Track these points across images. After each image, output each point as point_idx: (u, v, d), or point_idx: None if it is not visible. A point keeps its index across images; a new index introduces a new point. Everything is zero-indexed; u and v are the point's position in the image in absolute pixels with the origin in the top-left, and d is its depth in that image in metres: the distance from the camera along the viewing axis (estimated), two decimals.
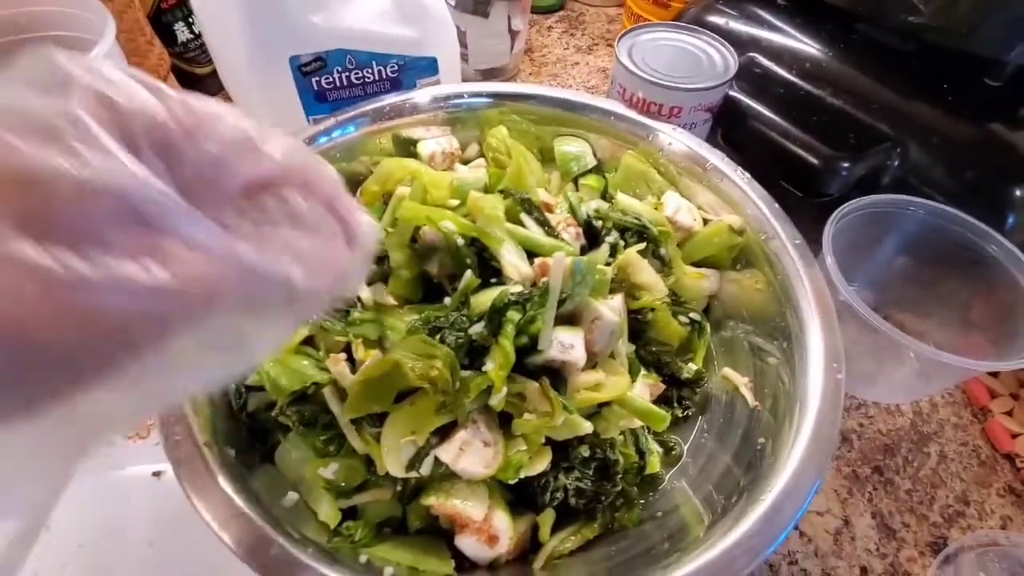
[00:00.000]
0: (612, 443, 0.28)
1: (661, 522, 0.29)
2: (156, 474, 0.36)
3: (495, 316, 0.26)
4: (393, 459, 0.26)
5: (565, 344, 0.27)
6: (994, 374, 0.43)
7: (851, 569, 0.34)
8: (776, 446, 0.27)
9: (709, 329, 0.35)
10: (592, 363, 0.29)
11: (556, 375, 0.28)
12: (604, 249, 0.32)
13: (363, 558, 0.26)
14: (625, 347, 0.31)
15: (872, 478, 0.38)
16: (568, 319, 0.28)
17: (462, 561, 0.27)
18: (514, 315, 0.26)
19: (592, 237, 0.34)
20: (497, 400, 0.25)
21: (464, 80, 0.56)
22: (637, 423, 0.30)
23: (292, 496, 0.27)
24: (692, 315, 0.34)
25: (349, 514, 0.28)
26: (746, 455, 0.29)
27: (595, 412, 0.29)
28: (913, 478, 0.38)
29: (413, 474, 0.26)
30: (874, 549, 0.35)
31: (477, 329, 0.26)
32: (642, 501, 0.30)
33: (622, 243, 0.33)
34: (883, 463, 0.39)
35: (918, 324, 0.45)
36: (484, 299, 0.27)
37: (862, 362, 0.40)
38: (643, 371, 0.32)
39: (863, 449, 0.39)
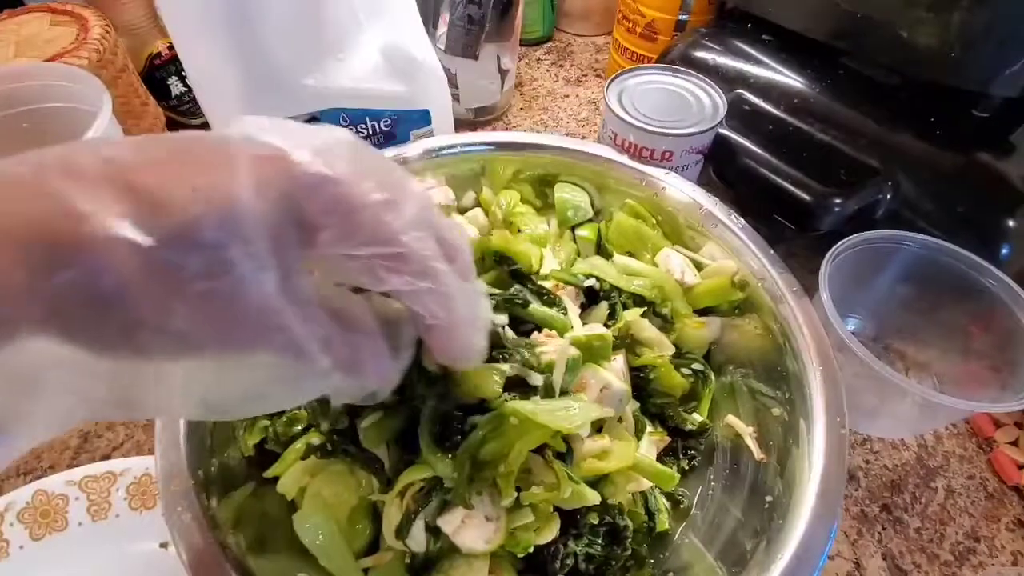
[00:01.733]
0: (620, 508, 0.28)
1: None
2: (163, 545, 0.36)
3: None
4: (386, 525, 0.26)
5: None
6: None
7: None
8: (782, 505, 0.27)
9: (713, 378, 0.35)
10: (597, 427, 0.29)
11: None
12: (603, 307, 0.32)
13: None
14: (631, 408, 0.31)
15: (881, 517, 0.38)
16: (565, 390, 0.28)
17: None
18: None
19: (591, 294, 0.34)
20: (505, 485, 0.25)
21: (456, 119, 0.57)
22: (646, 484, 0.29)
23: None
24: (695, 366, 0.34)
25: None
26: (756, 510, 0.29)
27: (603, 477, 0.29)
28: (922, 515, 0.38)
29: (400, 546, 0.26)
30: None
31: (478, 419, 0.26)
32: (652, 560, 0.30)
33: (620, 305, 0.33)
34: (891, 500, 0.39)
35: (919, 353, 0.45)
36: (480, 383, 0.27)
37: (864, 397, 0.40)
38: (648, 426, 0.32)
39: (870, 487, 0.39)
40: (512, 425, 0.24)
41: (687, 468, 0.33)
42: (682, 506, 0.32)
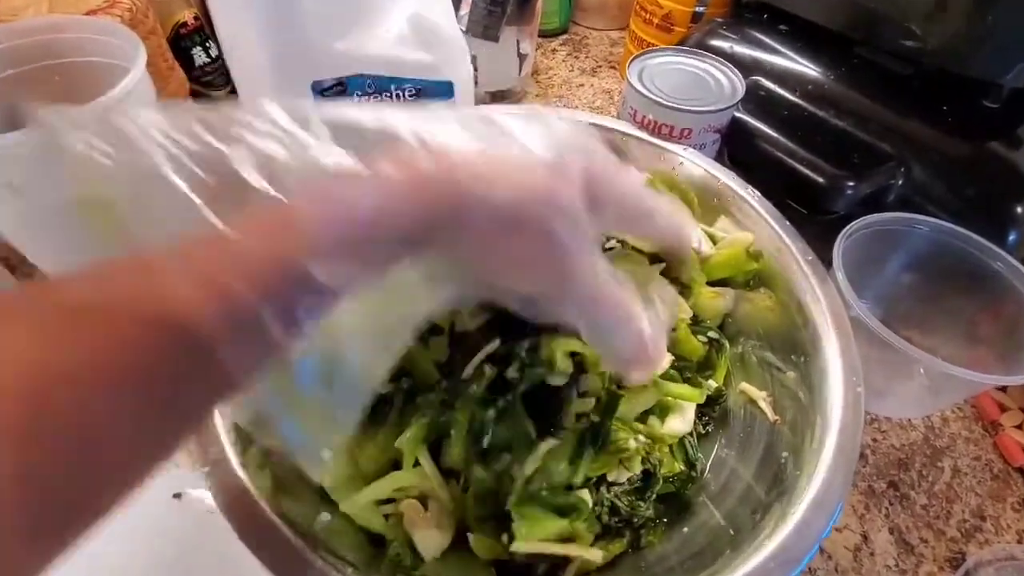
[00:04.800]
0: (660, 458, 0.29)
1: (687, 538, 0.29)
2: (177, 496, 0.36)
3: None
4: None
5: None
6: (1003, 388, 0.44)
7: None
8: (799, 460, 0.27)
9: (728, 347, 0.36)
10: None
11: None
12: None
13: None
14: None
15: (888, 493, 0.38)
16: None
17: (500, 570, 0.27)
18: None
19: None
20: None
21: (476, 102, 0.58)
22: (680, 428, 0.30)
23: (325, 516, 0.27)
24: (711, 334, 0.35)
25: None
26: (769, 470, 0.29)
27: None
28: (928, 493, 0.38)
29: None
30: (893, 565, 0.35)
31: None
32: (666, 519, 0.31)
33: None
34: (898, 478, 0.39)
35: (925, 339, 0.46)
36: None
37: (873, 376, 0.41)
38: None
39: (878, 464, 0.40)
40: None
41: (702, 432, 0.34)
42: (696, 469, 0.33)
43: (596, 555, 0.27)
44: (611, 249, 0.33)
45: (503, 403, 0.27)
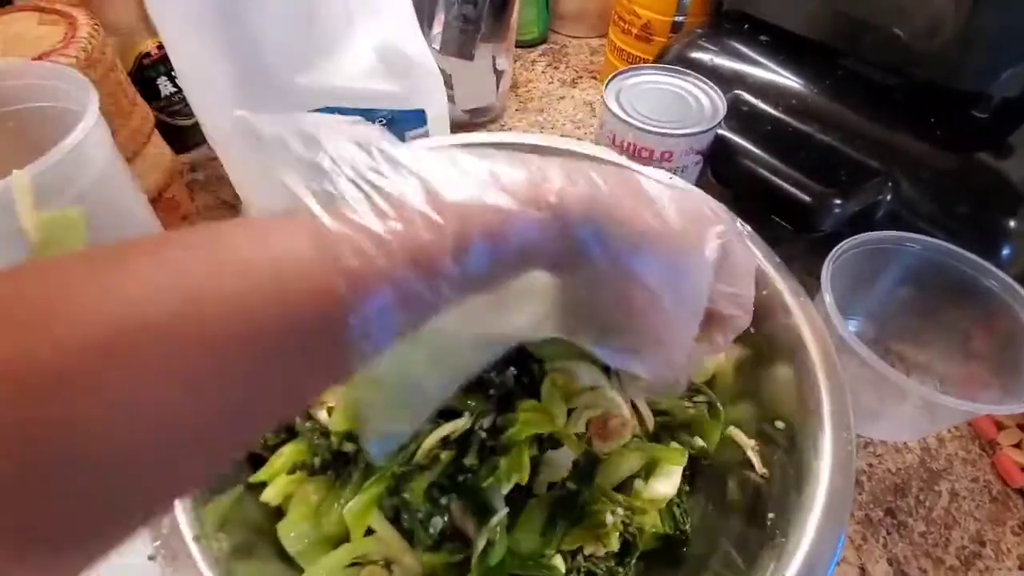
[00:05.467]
0: (640, 526, 0.28)
1: None
2: (151, 558, 0.35)
3: None
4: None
5: None
6: None
7: None
8: (785, 523, 0.26)
9: (723, 410, 0.34)
10: None
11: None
12: None
13: None
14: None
15: (885, 521, 0.37)
16: None
17: None
18: None
19: None
20: None
21: (452, 121, 0.56)
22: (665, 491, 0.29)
23: None
24: (700, 398, 0.33)
25: None
26: (756, 529, 0.28)
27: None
28: (926, 519, 0.37)
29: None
30: None
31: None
32: None
33: None
34: (895, 504, 0.38)
35: (919, 355, 0.45)
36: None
37: (865, 398, 0.40)
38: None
39: (873, 491, 0.39)
40: None
41: (685, 490, 0.32)
42: (685, 533, 0.32)
43: None
44: None
45: (457, 491, 0.26)
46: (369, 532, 0.27)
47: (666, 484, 0.30)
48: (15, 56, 0.41)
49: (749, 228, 0.36)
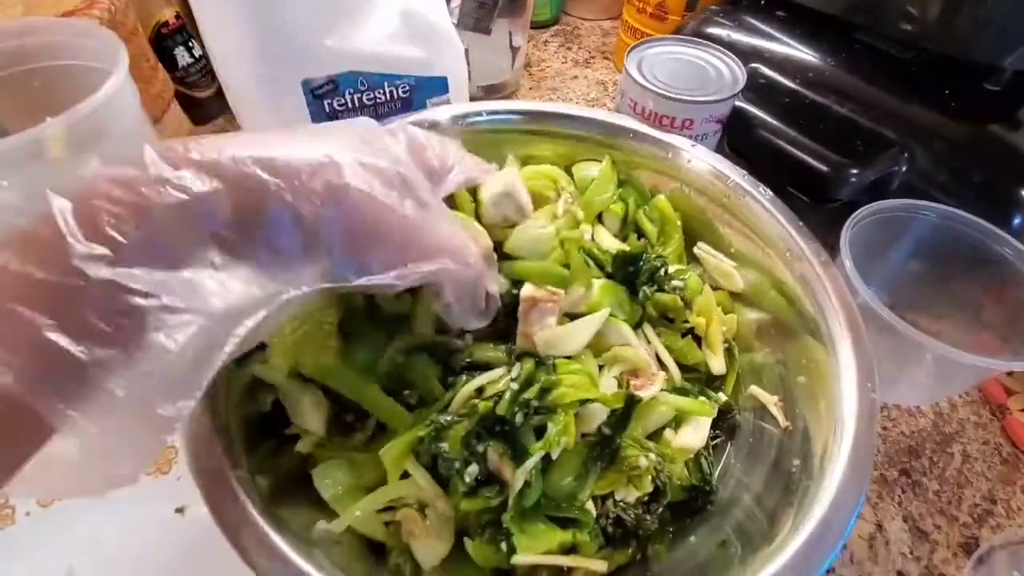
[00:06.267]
0: (670, 473, 0.29)
1: (695, 548, 0.29)
2: (179, 510, 0.35)
3: None
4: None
5: None
6: (1009, 372, 0.44)
7: (888, 574, 0.34)
8: (811, 469, 0.27)
9: (737, 352, 0.35)
10: None
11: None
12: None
13: None
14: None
15: (900, 481, 0.38)
16: None
17: None
18: None
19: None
20: None
21: (469, 98, 0.56)
22: (694, 442, 0.30)
23: (323, 525, 0.26)
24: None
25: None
26: (779, 479, 0.29)
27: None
28: (940, 479, 0.38)
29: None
30: (908, 553, 0.35)
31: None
32: (672, 530, 0.30)
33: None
34: (909, 465, 0.39)
35: (932, 325, 0.46)
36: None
37: (881, 364, 0.40)
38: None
39: (888, 452, 0.39)
40: None
41: (712, 444, 0.33)
42: (711, 484, 0.32)
43: (600, 566, 0.27)
44: None
45: (493, 436, 0.26)
46: (404, 477, 0.28)
47: (695, 436, 0.31)
48: (38, 15, 0.41)
49: (771, 192, 0.37)
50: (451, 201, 0.33)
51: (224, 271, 0.18)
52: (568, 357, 0.29)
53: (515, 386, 0.27)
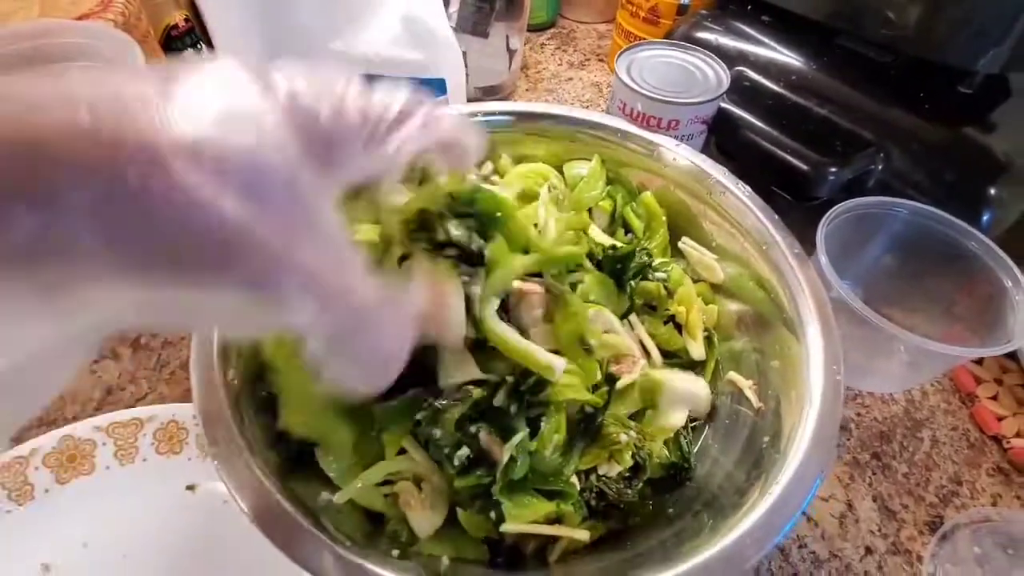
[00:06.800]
0: (650, 451, 0.31)
1: (672, 517, 0.31)
2: (190, 487, 0.37)
3: None
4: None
5: None
6: (979, 362, 0.46)
7: (856, 549, 0.36)
8: (779, 444, 0.29)
9: (717, 340, 0.37)
10: None
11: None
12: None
13: (395, 552, 0.27)
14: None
15: (871, 464, 0.40)
16: None
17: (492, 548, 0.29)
18: None
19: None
20: None
21: (467, 99, 0.58)
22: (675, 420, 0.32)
23: (327, 496, 0.29)
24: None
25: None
26: (751, 455, 0.31)
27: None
28: (909, 462, 0.40)
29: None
30: (876, 530, 0.37)
31: None
32: (651, 503, 0.32)
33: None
34: (880, 449, 0.41)
35: (905, 319, 0.48)
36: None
37: (856, 355, 0.43)
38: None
39: (861, 437, 0.42)
40: None
41: (691, 427, 0.35)
42: (690, 462, 0.34)
43: (583, 535, 0.29)
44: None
45: (485, 420, 0.28)
46: (401, 453, 0.30)
47: (674, 417, 0.33)
48: (53, 17, 0.43)
49: (749, 189, 0.39)
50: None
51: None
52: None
53: (511, 379, 0.29)
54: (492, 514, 0.28)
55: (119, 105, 0.13)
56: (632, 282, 0.35)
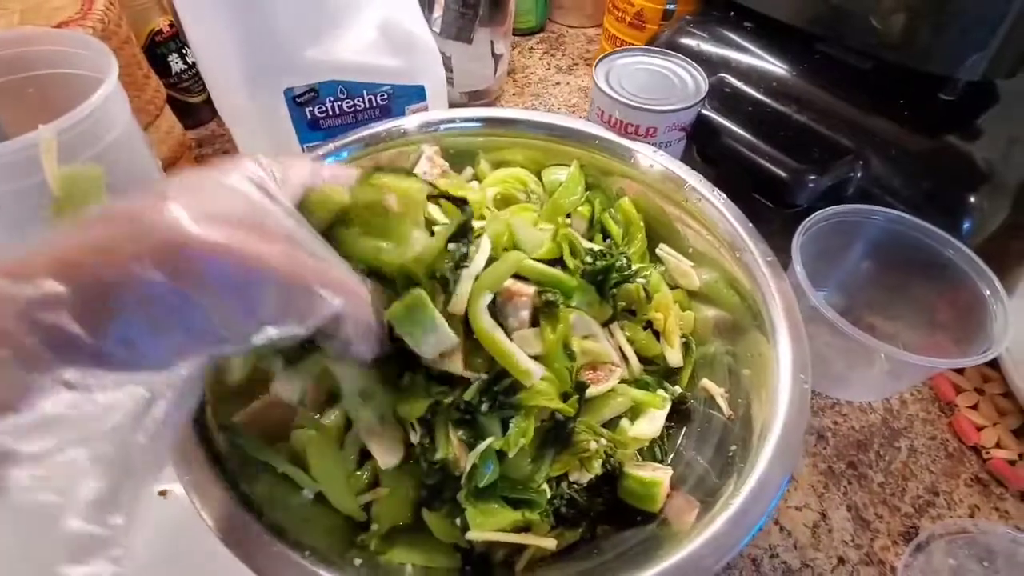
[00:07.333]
0: (621, 461, 0.31)
1: (639, 528, 0.31)
2: (162, 493, 0.37)
3: None
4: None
5: None
6: (959, 371, 0.45)
7: (829, 560, 0.36)
8: (746, 452, 0.29)
9: (695, 347, 0.37)
10: None
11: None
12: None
13: (357, 561, 0.27)
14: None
15: (847, 473, 0.40)
16: None
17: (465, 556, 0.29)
18: None
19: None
20: None
21: (450, 103, 0.59)
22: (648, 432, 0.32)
23: (308, 494, 0.29)
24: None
25: (362, 526, 0.30)
26: (720, 462, 0.31)
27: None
28: (885, 471, 0.40)
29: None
30: (850, 540, 0.37)
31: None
32: (621, 512, 0.32)
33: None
34: (857, 458, 0.41)
35: (888, 326, 0.48)
36: None
37: (835, 364, 0.42)
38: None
39: (837, 445, 0.41)
40: None
41: (667, 433, 0.35)
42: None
43: (550, 544, 0.29)
44: None
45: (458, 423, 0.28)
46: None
47: (649, 426, 0.33)
48: (33, 25, 0.43)
49: (724, 196, 0.39)
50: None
51: (84, 388, 0.16)
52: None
53: (485, 376, 0.28)
54: (458, 520, 0.28)
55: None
56: (614, 290, 0.35)
